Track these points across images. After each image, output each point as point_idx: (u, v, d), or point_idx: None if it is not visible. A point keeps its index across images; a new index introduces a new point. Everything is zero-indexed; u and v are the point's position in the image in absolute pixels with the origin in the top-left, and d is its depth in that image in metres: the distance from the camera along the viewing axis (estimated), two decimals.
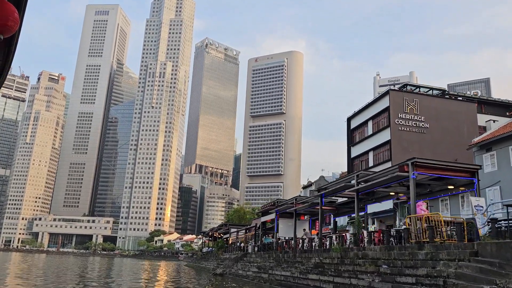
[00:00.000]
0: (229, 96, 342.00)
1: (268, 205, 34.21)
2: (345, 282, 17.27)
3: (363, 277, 15.59)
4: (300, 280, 21.27)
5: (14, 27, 3.51)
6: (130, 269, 57.67)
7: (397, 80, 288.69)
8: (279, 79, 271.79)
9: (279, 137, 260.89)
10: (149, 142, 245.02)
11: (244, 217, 68.66)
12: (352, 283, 16.72)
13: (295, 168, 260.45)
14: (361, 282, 16.11)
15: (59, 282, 28.56)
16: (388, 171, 19.32)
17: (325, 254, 20.75)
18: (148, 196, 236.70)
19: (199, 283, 27.37)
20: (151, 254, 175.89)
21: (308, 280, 20.17)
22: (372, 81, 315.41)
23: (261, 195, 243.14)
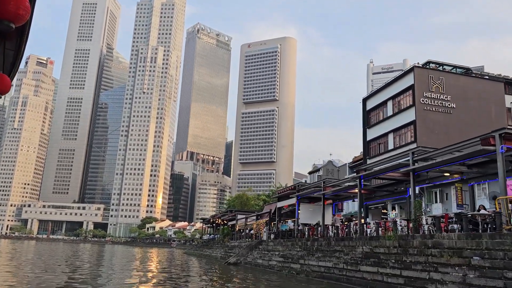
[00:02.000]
0: (221, 83, 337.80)
1: (288, 189, 31.83)
2: (421, 277, 14.73)
3: (448, 271, 13.20)
4: (349, 272, 18.66)
5: (25, 16, 3.22)
6: (127, 256, 55.24)
7: (391, 68, 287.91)
8: (272, 65, 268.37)
9: (272, 124, 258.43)
10: (140, 128, 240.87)
11: (247, 204, 66.44)
12: (433, 277, 14.18)
13: (288, 155, 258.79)
14: (448, 277, 13.61)
15: (48, 269, 26.03)
16: (462, 146, 16.88)
17: (375, 242, 18.38)
18: (140, 183, 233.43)
19: (221, 275, 24.92)
20: (143, 241, 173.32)
21: (361, 272, 17.71)
22: (365, 69, 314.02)
23: (254, 182, 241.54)
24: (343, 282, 18.51)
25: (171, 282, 21.47)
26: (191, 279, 23.95)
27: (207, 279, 22.67)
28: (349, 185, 24.93)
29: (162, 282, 21.33)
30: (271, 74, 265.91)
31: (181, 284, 20.75)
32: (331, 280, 19.34)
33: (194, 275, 27.08)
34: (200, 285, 19.42)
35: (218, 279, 22.75)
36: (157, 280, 22.30)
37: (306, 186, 30.42)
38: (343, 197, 30.46)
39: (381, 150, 39.71)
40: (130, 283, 20.15)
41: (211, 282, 21.45)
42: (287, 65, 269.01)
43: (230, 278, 22.60)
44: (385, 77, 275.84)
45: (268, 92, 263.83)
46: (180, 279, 23.14)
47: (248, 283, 19.95)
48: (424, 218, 17.35)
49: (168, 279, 23.17)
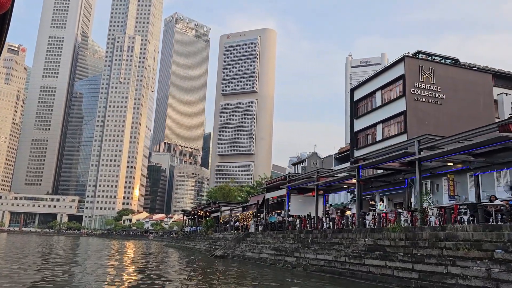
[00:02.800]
0: (199, 74, 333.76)
1: (278, 179, 30.90)
2: (438, 271, 13.78)
3: (468, 265, 12.41)
4: (353, 266, 17.69)
5: (6, 4, 2.86)
6: (106, 249, 53.62)
7: (369, 62, 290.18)
8: (252, 57, 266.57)
9: (251, 116, 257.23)
10: (116, 119, 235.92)
11: (229, 195, 65.31)
12: (452, 272, 13.26)
13: (266, 147, 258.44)
14: (470, 272, 12.73)
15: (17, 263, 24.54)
16: (471, 135, 16.19)
17: (377, 234, 17.65)
18: (116, 175, 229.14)
19: (212, 268, 23.72)
20: (119, 233, 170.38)
21: (367, 266, 16.79)
22: (344, 62, 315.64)
23: (232, 174, 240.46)
24: (347, 276, 17.65)
25: (162, 276, 20.35)
26: (182, 273, 22.84)
27: (200, 273, 21.45)
28: (346, 175, 24.14)
29: (155, 277, 20.20)
30: (250, 66, 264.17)
31: (172, 279, 19.64)
32: (333, 274, 18.53)
33: (184, 269, 25.94)
34: (196, 281, 18.26)
35: (211, 274, 21.59)
36: (147, 274, 21.15)
37: (297, 176, 29.57)
38: (335, 188, 29.76)
39: (369, 141, 39.26)
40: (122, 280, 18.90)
41: (206, 276, 20.27)
42: (267, 57, 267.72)
43: (225, 272, 21.44)
44: (363, 70, 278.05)
45: (247, 84, 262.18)
46: (172, 274, 22.03)
47: (248, 278, 18.79)
48: (431, 210, 16.70)
49: (153, 273, 22.05)
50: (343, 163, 44.80)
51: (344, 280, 16.76)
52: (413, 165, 20.57)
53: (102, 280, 17.74)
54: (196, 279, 19.48)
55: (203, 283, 17.46)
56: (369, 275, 15.76)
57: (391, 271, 14.94)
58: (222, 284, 16.89)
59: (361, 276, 16.13)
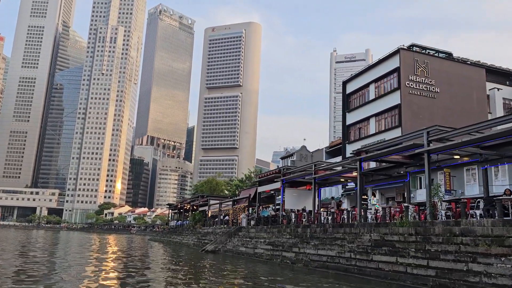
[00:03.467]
0: (183, 67, 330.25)
1: (272, 172, 30.05)
2: (457, 268, 13.02)
3: (491, 262, 11.76)
4: (360, 262, 16.80)
5: None
6: (87, 242, 52.21)
7: (354, 57, 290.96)
8: (237, 50, 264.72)
9: (235, 110, 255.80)
10: (98, 111, 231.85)
11: (216, 189, 64.30)
12: (473, 269, 12.55)
13: (251, 142, 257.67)
14: (494, 269, 11.95)
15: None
16: (482, 126, 15.60)
17: (383, 229, 16.88)
18: (97, 168, 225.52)
19: (206, 264, 22.70)
20: (100, 227, 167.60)
21: (375, 262, 15.98)
22: (328, 58, 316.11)
23: (216, 168, 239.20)
24: (353, 272, 16.90)
25: (159, 273, 19.40)
26: (175, 269, 21.91)
27: (196, 269, 20.43)
28: (346, 168, 23.42)
29: (153, 271, 19.23)
30: (235, 59, 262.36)
31: (168, 276, 18.72)
32: (338, 270, 17.71)
33: (176, 264, 25.00)
34: (195, 278, 17.30)
35: (208, 269, 20.65)
36: (139, 269, 20.15)
37: (292, 169, 28.82)
38: (331, 182, 29.08)
39: (362, 134, 38.78)
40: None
41: (202, 272, 19.29)
42: (252, 51, 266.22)
43: (222, 268, 20.44)
44: (348, 66, 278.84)
45: (232, 78, 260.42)
46: (164, 269, 21.09)
47: (250, 274, 17.78)
48: (440, 204, 16.12)
49: (145, 268, 21.08)
50: (333, 157, 44.29)
51: (352, 277, 15.98)
52: (416, 158, 20.00)
53: (86, 277, 16.70)
54: (193, 275, 18.57)
55: (204, 280, 16.55)
56: (378, 271, 15.02)
57: (403, 268, 14.23)
58: (226, 282, 15.90)
59: (370, 272, 15.35)
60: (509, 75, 41.41)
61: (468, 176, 27.68)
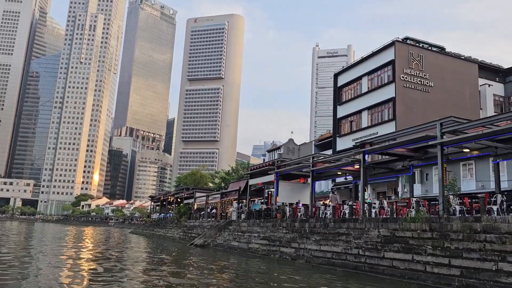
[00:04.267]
0: (163, 58, 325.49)
1: (265, 164, 29.02)
2: (485, 267, 12.11)
3: None
4: (371, 259, 15.75)
5: None
6: (64, 234, 50.47)
7: (336, 52, 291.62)
8: (219, 42, 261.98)
9: (217, 102, 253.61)
10: (76, 101, 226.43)
11: (200, 181, 63.01)
12: (503, 269, 11.64)
13: (231, 135, 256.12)
14: None
15: None
16: (496, 120, 14.93)
17: (393, 224, 15.98)
18: (75, 158, 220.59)
19: (203, 260, 21.41)
20: (77, 219, 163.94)
21: (388, 260, 14.96)
22: (310, 52, 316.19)
23: (196, 161, 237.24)
24: (364, 270, 15.82)
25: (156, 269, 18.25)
26: (164, 263, 20.79)
27: (197, 266, 19.12)
28: (350, 161, 22.52)
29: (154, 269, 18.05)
30: (217, 51, 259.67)
31: (164, 272, 17.64)
32: (346, 268, 16.68)
33: (163, 259, 23.86)
34: (196, 275, 16.08)
35: (205, 265, 19.50)
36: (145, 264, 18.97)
37: (287, 162, 27.88)
38: (328, 175, 28.27)
39: (353, 128, 38.16)
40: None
41: (204, 270, 17.99)
42: (234, 43, 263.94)
43: (224, 265, 19.11)
44: (330, 61, 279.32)
45: (214, 70, 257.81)
46: (153, 264, 19.95)
47: (257, 274, 16.37)
48: (452, 199, 15.45)
49: (140, 262, 19.91)
50: (323, 150, 43.60)
51: (363, 275, 15.04)
52: (420, 151, 19.35)
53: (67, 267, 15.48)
54: (188, 271, 17.49)
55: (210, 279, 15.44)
56: (393, 270, 14.10)
57: (421, 266, 13.37)
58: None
59: (384, 271, 14.46)
60: (499, 71, 41.41)
61: (465, 171, 27.28)
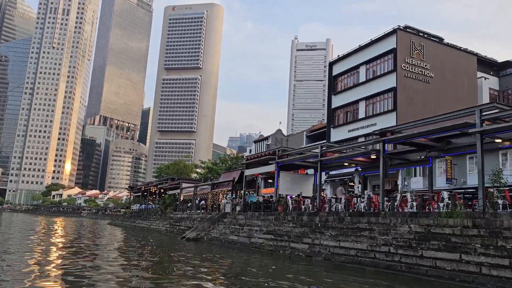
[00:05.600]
0: (139, 47, 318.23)
1: (264, 154, 27.31)
2: None
3: None
4: (407, 258, 14.10)
5: None
6: (35, 225, 47.78)
7: (315, 46, 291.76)
8: (198, 31, 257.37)
9: (194, 92, 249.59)
10: (48, 87, 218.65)
11: (183, 172, 60.83)
12: None
13: (208, 126, 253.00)
14: None
15: None
16: None
17: (425, 220, 14.47)
18: (45, 147, 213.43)
19: (207, 257, 19.40)
20: (47, 209, 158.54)
21: (429, 259, 13.34)
22: (288, 46, 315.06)
23: (172, 152, 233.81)
24: (401, 270, 14.11)
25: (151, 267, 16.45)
26: (161, 262, 18.98)
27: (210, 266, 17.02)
28: (371, 150, 20.97)
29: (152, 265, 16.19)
30: (195, 41, 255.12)
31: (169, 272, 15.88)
32: (377, 267, 14.93)
33: (158, 255, 21.99)
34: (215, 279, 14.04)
35: (217, 267, 17.51)
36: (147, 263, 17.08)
37: (290, 151, 26.28)
38: (333, 166, 26.81)
39: (349, 118, 36.97)
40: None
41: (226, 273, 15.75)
42: (213, 33, 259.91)
43: (237, 263, 16.98)
44: (308, 54, 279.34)
45: (192, 60, 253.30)
46: (149, 262, 18.13)
47: (283, 275, 14.21)
48: (496, 192, 14.20)
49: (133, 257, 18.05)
50: (315, 141, 42.32)
51: (402, 276, 13.17)
52: (442, 141, 18.15)
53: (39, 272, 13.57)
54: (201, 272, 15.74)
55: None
56: (438, 271, 12.47)
57: (474, 268, 11.82)
58: None
59: (427, 272, 12.87)
60: (493, 65, 40.99)
61: (471, 165, 26.38)
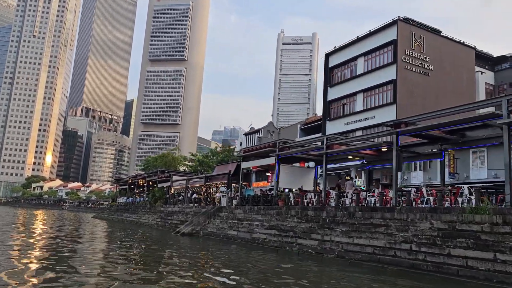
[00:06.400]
0: (123, 38, 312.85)
1: (264, 146, 26.18)
2: None
3: None
4: (431, 257, 13.06)
5: None
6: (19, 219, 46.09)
7: (300, 40, 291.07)
8: (183, 23, 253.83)
9: (179, 85, 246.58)
10: (28, 77, 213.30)
11: (172, 164, 59.40)
12: None
13: (193, 118, 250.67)
14: None
15: None
16: None
17: (448, 216, 13.58)
18: (26, 138, 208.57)
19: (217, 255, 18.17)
20: (28, 201, 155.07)
21: (459, 259, 12.31)
22: (273, 40, 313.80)
23: (156, 144, 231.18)
24: (428, 270, 12.93)
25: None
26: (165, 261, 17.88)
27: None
28: (383, 142, 20.03)
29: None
30: (181, 32, 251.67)
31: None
32: (399, 266, 13.74)
33: (157, 251, 20.87)
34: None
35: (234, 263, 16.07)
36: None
37: (291, 143, 25.26)
38: (337, 159, 25.89)
39: (346, 111, 36.25)
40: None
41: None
42: (199, 25, 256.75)
43: (251, 261, 15.68)
44: (294, 48, 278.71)
45: (177, 51, 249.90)
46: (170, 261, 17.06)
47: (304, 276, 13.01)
48: None
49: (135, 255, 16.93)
50: (309, 134, 41.53)
51: (430, 276, 12.08)
52: (457, 133, 17.46)
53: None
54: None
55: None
56: (472, 271, 11.58)
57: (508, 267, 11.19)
58: None
59: (458, 272, 11.87)
60: (489, 59, 40.75)
61: (475, 159, 25.93)
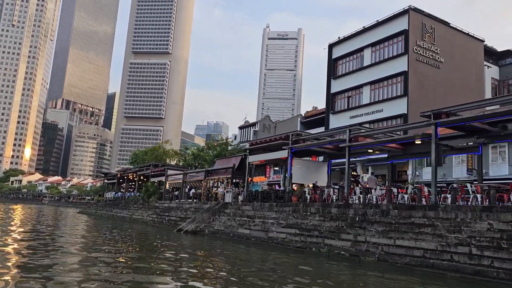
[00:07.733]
0: (105, 30, 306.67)
1: (275, 138, 24.49)
2: None
3: None
4: (500, 263, 11.58)
5: None
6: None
7: (286, 35, 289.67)
8: (167, 15, 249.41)
9: (163, 78, 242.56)
10: (6, 67, 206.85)
11: (163, 158, 57.24)
12: None
13: (177, 112, 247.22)
14: None
15: None
16: None
17: (507, 215, 12.11)
18: (3, 130, 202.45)
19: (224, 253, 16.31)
20: (5, 196, 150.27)
21: None
22: (258, 36, 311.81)
23: (139, 138, 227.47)
24: (501, 279, 11.37)
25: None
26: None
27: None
28: (415, 135, 18.40)
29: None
30: (165, 25, 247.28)
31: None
32: (460, 272, 12.19)
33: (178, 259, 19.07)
34: None
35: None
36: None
37: (306, 136, 23.62)
38: (359, 152, 24.04)
39: (351, 104, 34.90)
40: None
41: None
42: (184, 18, 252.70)
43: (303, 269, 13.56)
44: (280, 43, 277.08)
45: (161, 44, 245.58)
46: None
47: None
48: None
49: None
50: (310, 128, 40.14)
51: (504, 286, 10.99)
52: (498, 125, 16.20)
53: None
54: None
55: None
56: None
57: None
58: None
59: None
60: (493, 54, 39.93)
61: (494, 155, 24.85)
